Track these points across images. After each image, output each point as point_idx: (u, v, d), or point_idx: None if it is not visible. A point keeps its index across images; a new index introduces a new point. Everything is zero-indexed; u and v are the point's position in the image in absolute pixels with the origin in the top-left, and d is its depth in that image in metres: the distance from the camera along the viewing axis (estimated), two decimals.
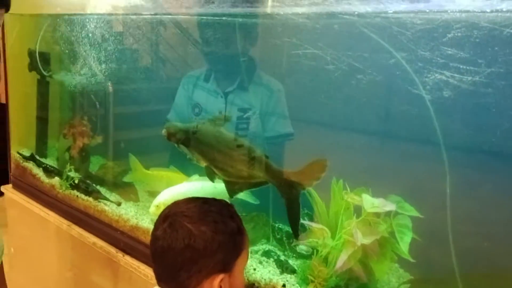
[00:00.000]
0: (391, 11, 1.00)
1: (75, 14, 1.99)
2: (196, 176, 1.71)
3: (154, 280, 1.57)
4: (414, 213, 1.28)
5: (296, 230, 1.38)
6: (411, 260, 1.25)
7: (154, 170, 1.94)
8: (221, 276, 1.04)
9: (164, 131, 1.60)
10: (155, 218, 1.66)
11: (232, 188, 1.57)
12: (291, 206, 1.37)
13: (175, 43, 2.11)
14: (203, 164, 1.57)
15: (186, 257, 1.02)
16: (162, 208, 1.62)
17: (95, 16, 1.91)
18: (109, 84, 2.11)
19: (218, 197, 1.66)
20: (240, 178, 1.54)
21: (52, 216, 2.18)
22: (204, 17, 1.60)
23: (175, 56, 2.23)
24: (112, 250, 1.85)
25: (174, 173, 1.84)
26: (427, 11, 0.96)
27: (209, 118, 1.68)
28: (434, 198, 1.24)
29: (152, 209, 1.69)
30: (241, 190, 1.59)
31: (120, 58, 2.03)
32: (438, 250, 1.24)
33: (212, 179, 1.59)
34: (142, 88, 2.29)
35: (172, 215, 1.07)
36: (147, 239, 1.71)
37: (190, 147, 1.58)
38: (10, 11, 2.32)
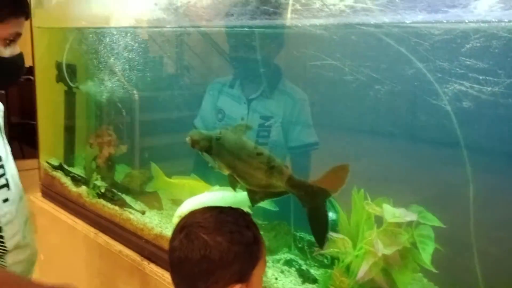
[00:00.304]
0: (409, 21, 0.99)
1: (99, 28, 2.05)
2: (217, 187, 1.72)
3: None
4: (437, 223, 1.26)
5: (322, 240, 1.37)
6: (434, 270, 1.23)
7: (176, 178, 1.97)
8: (238, 286, 1.04)
9: (188, 139, 1.61)
10: None
11: (254, 197, 1.57)
12: (314, 215, 1.37)
13: (198, 52, 2.15)
14: (226, 172, 1.59)
15: (202, 268, 1.03)
16: None
17: (119, 29, 1.95)
18: (134, 92, 2.15)
19: (239, 206, 1.69)
20: (261, 187, 1.55)
21: (79, 224, 2.24)
22: (226, 29, 1.62)
23: (198, 64, 2.26)
24: (138, 258, 1.89)
25: (196, 181, 1.86)
26: (445, 21, 0.96)
27: (232, 125, 1.70)
28: (460, 206, 1.23)
29: (175, 220, 1.71)
30: (263, 199, 1.59)
31: (144, 68, 2.08)
32: (467, 260, 1.22)
33: (234, 187, 1.60)
34: (166, 95, 2.34)
35: (188, 226, 1.08)
36: None
37: (213, 154, 1.60)
38: (38, 25, 2.40)
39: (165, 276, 1.74)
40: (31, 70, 2.61)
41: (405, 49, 1.03)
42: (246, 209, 1.73)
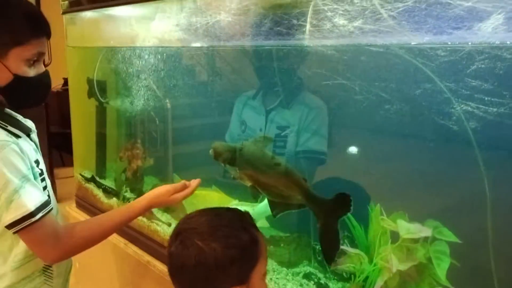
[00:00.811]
0: (415, 43, 1.01)
1: (125, 46, 2.13)
2: (236, 201, 1.76)
3: None
4: (453, 238, 1.26)
5: (330, 258, 1.39)
6: (450, 287, 1.23)
7: (199, 190, 2.01)
8: None
9: (211, 151, 1.66)
10: None
11: (275, 208, 1.60)
12: (325, 232, 1.39)
13: (220, 68, 2.20)
14: (248, 183, 1.63)
15: (199, 274, 1.02)
16: None
17: (145, 48, 2.03)
18: (167, 105, 2.22)
19: (257, 217, 1.72)
20: (282, 198, 1.58)
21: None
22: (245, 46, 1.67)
23: (221, 78, 2.32)
24: (165, 269, 1.94)
25: (217, 193, 1.90)
26: (449, 43, 0.97)
27: (253, 136, 1.74)
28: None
29: None
30: (283, 211, 1.62)
31: (168, 84, 2.16)
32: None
33: (256, 198, 1.64)
34: (190, 108, 2.41)
35: (183, 232, 1.07)
36: None
37: (236, 166, 1.64)
38: (71, 44, 2.52)
39: None
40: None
41: (412, 70, 1.04)
42: (265, 222, 1.77)
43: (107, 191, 2.47)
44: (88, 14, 2.40)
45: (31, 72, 1.32)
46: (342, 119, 1.49)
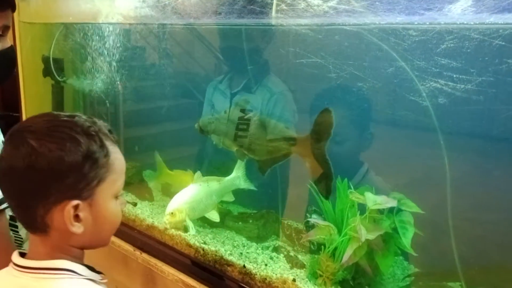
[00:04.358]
0: (385, 23, 1.06)
1: (86, 23, 2.07)
2: (200, 176, 1.76)
3: (171, 277, 1.66)
4: (416, 209, 1.35)
5: (327, 188, 1.42)
6: (414, 254, 1.32)
7: (176, 171, 2.01)
8: (73, 202, 0.90)
9: (196, 125, 1.71)
10: (171, 226, 1.74)
11: (263, 167, 1.64)
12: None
13: (182, 48, 2.19)
14: (234, 148, 1.68)
15: (28, 179, 0.87)
16: (177, 215, 1.71)
17: (106, 25, 1.99)
18: (118, 84, 2.19)
19: (224, 190, 1.76)
20: (269, 154, 1.62)
21: None
22: (212, 26, 1.68)
23: (181, 59, 2.32)
24: (130, 248, 1.94)
25: (191, 175, 1.90)
26: (421, 23, 1.03)
27: (219, 119, 1.76)
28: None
29: (167, 217, 1.74)
30: (271, 166, 1.65)
31: (128, 63, 2.12)
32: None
33: (242, 159, 1.71)
34: (149, 88, 2.39)
35: (15, 132, 0.91)
36: (163, 238, 1.79)
37: (221, 135, 1.69)
38: (26, 20, 2.41)
39: (158, 265, 1.80)
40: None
41: (385, 49, 1.09)
42: (231, 195, 1.81)
43: None
44: None
45: None
46: (316, 98, 1.53)
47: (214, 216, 1.74)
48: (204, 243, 1.67)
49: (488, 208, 1.34)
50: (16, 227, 1.42)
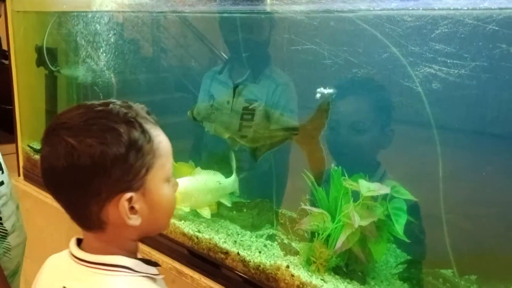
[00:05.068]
0: (379, 8, 1.07)
1: (80, 12, 2.06)
2: (198, 169, 1.76)
3: (165, 265, 1.66)
4: (409, 196, 1.36)
5: (320, 177, 1.43)
6: (407, 240, 1.33)
7: (179, 163, 1.99)
8: (127, 195, 0.86)
9: (189, 113, 1.71)
10: None
11: (257, 153, 1.66)
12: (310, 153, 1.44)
13: (178, 37, 2.19)
14: (226, 135, 1.68)
15: (73, 178, 0.84)
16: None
17: (101, 13, 1.98)
18: (112, 76, 2.18)
19: (222, 192, 1.75)
20: (263, 141, 1.63)
21: None
22: (208, 14, 1.68)
23: (177, 49, 2.31)
24: None
25: (193, 167, 1.88)
26: (416, 9, 1.03)
27: (220, 109, 1.77)
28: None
29: None
30: (265, 152, 1.66)
31: (124, 52, 2.11)
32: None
33: (234, 147, 1.70)
34: (145, 79, 2.38)
35: (51, 130, 0.86)
36: None
37: (213, 122, 1.70)
38: (17, 9, 2.39)
39: (152, 254, 1.80)
40: (5, 54, 2.58)
41: (380, 35, 1.10)
42: (228, 200, 1.80)
43: None
44: None
45: None
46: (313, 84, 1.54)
47: (205, 213, 1.72)
48: (199, 231, 1.68)
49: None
50: (1, 219, 1.42)
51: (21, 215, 1.58)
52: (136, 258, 0.97)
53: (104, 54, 2.09)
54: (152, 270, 0.98)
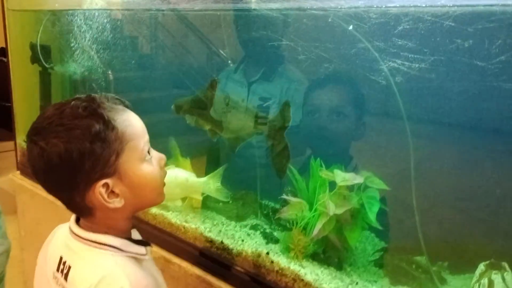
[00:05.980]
0: (347, 6, 1.12)
1: (73, 10, 2.12)
2: (171, 165, 1.80)
3: (153, 254, 1.72)
4: (383, 186, 1.42)
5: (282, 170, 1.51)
6: (379, 227, 1.39)
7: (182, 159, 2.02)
8: (101, 183, 0.93)
9: (172, 107, 1.75)
10: None
11: (233, 143, 1.72)
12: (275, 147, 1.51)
13: (170, 34, 2.24)
14: (207, 127, 1.73)
15: (52, 177, 0.92)
16: None
17: (92, 11, 2.03)
18: (108, 73, 2.24)
19: (191, 189, 1.79)
20: (240, 131, 1.69)
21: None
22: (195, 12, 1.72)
23: (171, 46, 2.36)
24: None
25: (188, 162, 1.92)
26: (380, 6, 1.09)
27: (236, 108, 1.82)
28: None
29: None
30: (239, 144, 1.72)
31: (115, 49, 2.17)
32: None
33: (214, 138, 1.75)
34: (140, 76, 2.44)
35: (28, 137, 0.95)
36: (146, 217, 1.86)
37: (194, 114, 1.74)
38: (14, 8, 2.46)
39: None
40: (3, 52, 2.64)
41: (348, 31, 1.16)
42: (198, 195, 1.83)
43: None
44: None
45: None
46: None
47: (178, 204, 1.80)
48: (185, 221, 1.74)
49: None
50: None
51: (4, 222, 1.60)
52: (126, 237, 1.04)
53: (95, 51, 2.15)
54: (141, 250, 1.06)
